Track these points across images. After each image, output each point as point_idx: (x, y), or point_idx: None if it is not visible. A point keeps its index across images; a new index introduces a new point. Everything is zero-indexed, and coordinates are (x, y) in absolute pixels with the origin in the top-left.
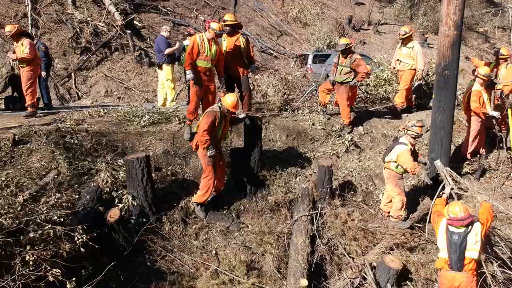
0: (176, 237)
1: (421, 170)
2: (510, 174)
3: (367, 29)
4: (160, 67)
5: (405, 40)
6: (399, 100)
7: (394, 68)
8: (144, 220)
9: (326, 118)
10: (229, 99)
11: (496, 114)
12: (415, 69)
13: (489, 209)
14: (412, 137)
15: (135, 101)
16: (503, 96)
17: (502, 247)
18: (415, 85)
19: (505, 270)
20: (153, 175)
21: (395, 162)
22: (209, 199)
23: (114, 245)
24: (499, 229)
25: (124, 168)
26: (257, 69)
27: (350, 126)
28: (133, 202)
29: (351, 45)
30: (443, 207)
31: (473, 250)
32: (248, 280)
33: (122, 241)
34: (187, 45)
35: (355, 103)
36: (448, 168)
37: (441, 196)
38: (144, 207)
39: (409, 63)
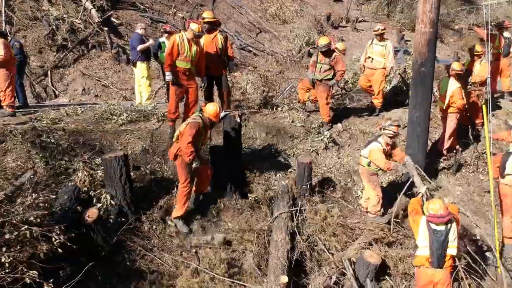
0: (156, 236)
1: (397, 164)
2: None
3: (345, 26)
4: (134, 64)
5: (380, 37)
6: (377, 101)
7: (364, 66)
8: (123, 219)
9: (305, 115)
10: (211, 108)
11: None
12: (384, 68)
13: (456, 210)
14: (388, 137)
15: (113, 99)
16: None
17: None
18: (392, 84)
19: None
20: (132, 174)
21: (367, 158)
22: (188, 209)
23: (92, 245)
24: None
25: (102, 167)
26: (236, 67)
27: (330, 124)
28: (111, 201)
29: (331, 44)
30: (419, 206)
31: (452, 247)
32: (228, 278)
33: (101, 241)
34: (163, 42)
35: (333, 100)
36: (417, 166)
37: (415, 196)
38: (122, 206)
39: (381, 61)
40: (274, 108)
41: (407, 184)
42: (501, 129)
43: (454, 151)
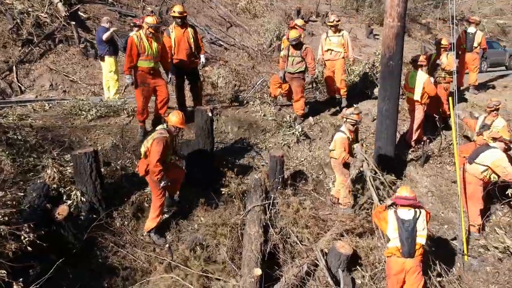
0: (128, 232)
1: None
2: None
3: (315, 20)
4: (102, 59)
5: (335, 29)
6: (342, 91)
7: (323, 59)
8: (94, 216)
9: (276, 109)
10: (174, 118)
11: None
12: (344, 57)
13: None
14: (351, 125)
15: (81, 94)
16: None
17: None
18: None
19: None
20: (102, 170)
21: (334, 150)
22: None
23: (63, 243)
24: None
25: (72, 164)
26: (207, 61)
27: (302, 118)
28: (82, 198)
29: (301, 37)
30: (382, 209)
31: (421, 236)
32: (202, 272)
33: (72, 238)
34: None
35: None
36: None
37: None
38: (93, 203)
39: (341, 51)
40: (246, 102)
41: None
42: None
43: (422, 142)
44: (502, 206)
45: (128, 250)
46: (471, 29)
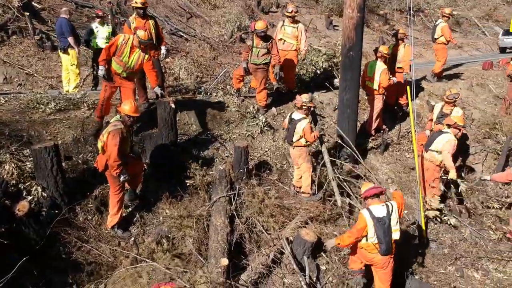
0: (92, 227)
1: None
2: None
3: (275, 11)
4: (65, 51)
5: (292, 19)
6: (292, 85)
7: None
8: (56, 211)
9: (240, 100)
10: (126, 107)
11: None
12: (296, 50)
13: (401, 196)
14: (308, 111)
15: (38, 87)
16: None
17: None
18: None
19: None
20: (63, 164)
21: (303, 137)
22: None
23: (25, 240)
24: None
25: (31, 159)
26: (168, 52)
27: (265, 109)
28: (43, 193)
29: (267, 28)
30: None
31: (395, 231)
32: (169, 264)
33: (34, 235)
34: (96, 27)
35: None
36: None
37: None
38: (55, 198)
39: (293, 43)
40: (209, 94)
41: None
42: (424, 109)
43: (382, 131)
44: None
45: (92, 245)
46: (438, 21)
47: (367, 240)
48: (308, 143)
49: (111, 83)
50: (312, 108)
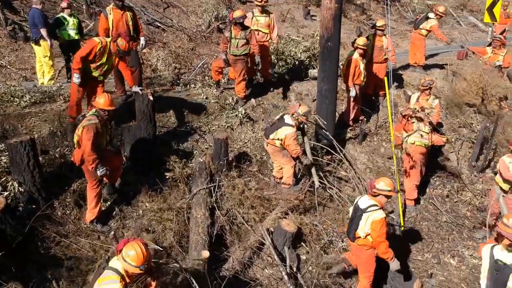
0: (70, 222)
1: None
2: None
3: (251, 1)
4: (37, 42)
5: (262, 9)
6: (268, 78)
7: None
8: (34, 206)
9: (219, 91)
10: (101, 100)
11: (353, 93)
12: (268, 40)
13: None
14: (299, 123)
15: (12, 80)
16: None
17: None
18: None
19: None
20: (40, 158)
21: (280, 140)
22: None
23: (2, 235)
24: None
25: (7, 153)
26: (146, 43)
27: (244, 100)
28: (19, 188)
29: (246, 16)
30: None
31: (361, 230)
32: None
33: (11, 231)
34: (63, 17)
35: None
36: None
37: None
38: (32, 193)
39: (268, 32)
40: (187, 85)
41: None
42: (401, 99)
43: (359, 121)
44: (435, 179)
45: (71, 240)
46: (430, 15)
47: None
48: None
49: (83, 87)
50: (303, 123)
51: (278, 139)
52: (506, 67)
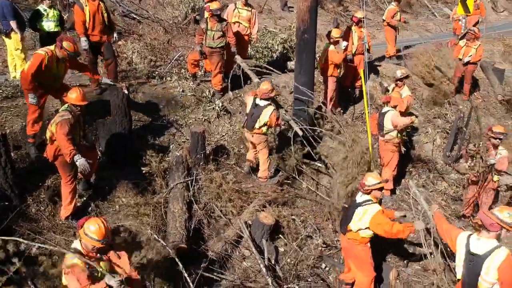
0: (45, 218)
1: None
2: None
3: None
4: (7, 35)
5: (245, 2)
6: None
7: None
8: (7, 203)
9: (195, 84)
10: (73, 95)
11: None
12: (248, 34)
13: (400, 229)
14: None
15: None
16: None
17: None
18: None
19: None
20: (13, 154)
21: (266, 125)
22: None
23: None
24: None
25: None
26: (120, 35)
27: (221, 93)
28: None
29: (223, 9)
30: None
31: (354, 224)
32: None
33: None
34: (45, 10)
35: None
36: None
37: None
38: (5, 189)
39: (248, 26)
40: (163, 78)
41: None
42: (377, 91)
43: (337, 113)
44: (410, 170)
45: (46, 237)
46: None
47: None
48: (270, 130)
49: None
50: (274, 98)
51: (264, 124)
52: (478, 60)
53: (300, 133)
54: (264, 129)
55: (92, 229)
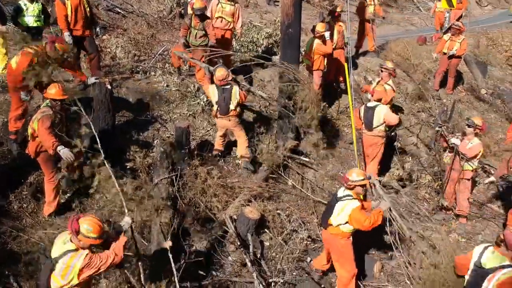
0: (28, 215)
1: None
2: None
3: None
4: None
5: None
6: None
7: (213, 25)
8: None
9: (180, 79)
10: (52, 91)
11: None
12: (232, 29)
13: (374, 219)
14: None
15: None
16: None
17: None
18: None
19: None
20: None
21: (238, 105)
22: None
23: None
24: None
25: None
26: (104, 30)
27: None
28: None
29: (206, 8)
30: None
31: (334, 219)
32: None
33: None
34: (25, 4)
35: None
36: None
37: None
38: None
39: (231, 21)
40: (148, 73)
41: None
42: (361, 85)
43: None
44: (395, 163)
45: (29, 234)
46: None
47: None
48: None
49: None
50: (233, 78)
51: (237, 104)
52: (461, 54)
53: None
54: (238, 109)
55: (91, 229)
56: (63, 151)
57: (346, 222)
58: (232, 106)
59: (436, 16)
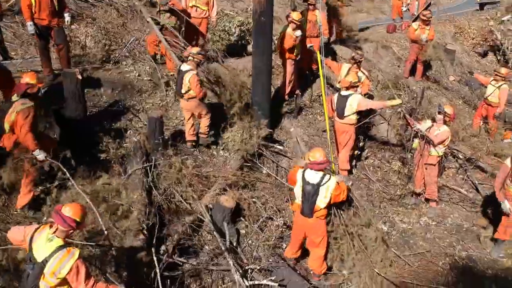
0: None
1: None
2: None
3: None
4: None
5: None
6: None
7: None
8: None
9: (152, 68)
10: (27, 78)
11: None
12: (207, 17)
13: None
14: (196, 64)
15: None
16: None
17: None
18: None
19: None
20: None
21: (189, 89)
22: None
23: None
24: None
25: None
26: (73, 19)
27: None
28: None
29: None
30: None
31: (321, 201)
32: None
33: None
34: None
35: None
36: None
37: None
38: None
39: (206, 9)
40: (119, 63)
41: None
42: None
43: (295, 95)
44: (366, 150)
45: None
46: None
47: (296, 199)
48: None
49: None
50: (200, 62)
51: (188, 88)
52: (431, 40)
53: None
54: (191, 92)
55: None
56: (40, 156)
57: (329, 201)
58: (183, 90)
59: (393, 5)
